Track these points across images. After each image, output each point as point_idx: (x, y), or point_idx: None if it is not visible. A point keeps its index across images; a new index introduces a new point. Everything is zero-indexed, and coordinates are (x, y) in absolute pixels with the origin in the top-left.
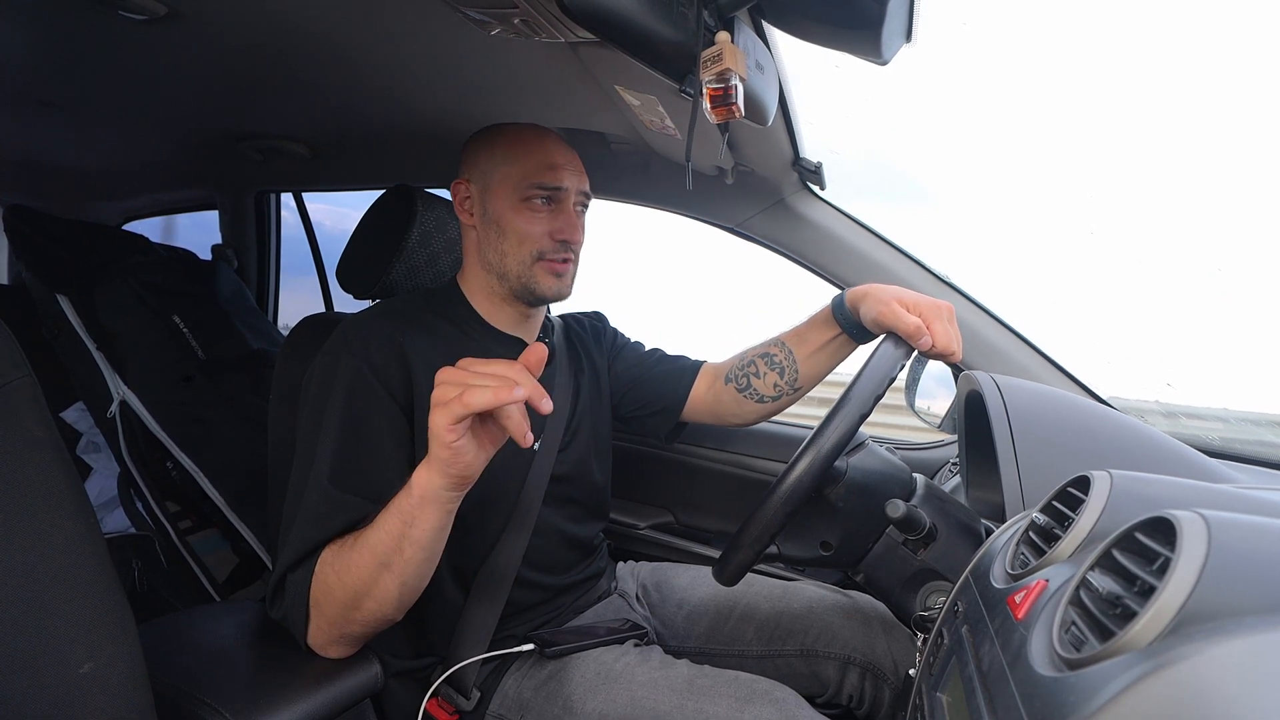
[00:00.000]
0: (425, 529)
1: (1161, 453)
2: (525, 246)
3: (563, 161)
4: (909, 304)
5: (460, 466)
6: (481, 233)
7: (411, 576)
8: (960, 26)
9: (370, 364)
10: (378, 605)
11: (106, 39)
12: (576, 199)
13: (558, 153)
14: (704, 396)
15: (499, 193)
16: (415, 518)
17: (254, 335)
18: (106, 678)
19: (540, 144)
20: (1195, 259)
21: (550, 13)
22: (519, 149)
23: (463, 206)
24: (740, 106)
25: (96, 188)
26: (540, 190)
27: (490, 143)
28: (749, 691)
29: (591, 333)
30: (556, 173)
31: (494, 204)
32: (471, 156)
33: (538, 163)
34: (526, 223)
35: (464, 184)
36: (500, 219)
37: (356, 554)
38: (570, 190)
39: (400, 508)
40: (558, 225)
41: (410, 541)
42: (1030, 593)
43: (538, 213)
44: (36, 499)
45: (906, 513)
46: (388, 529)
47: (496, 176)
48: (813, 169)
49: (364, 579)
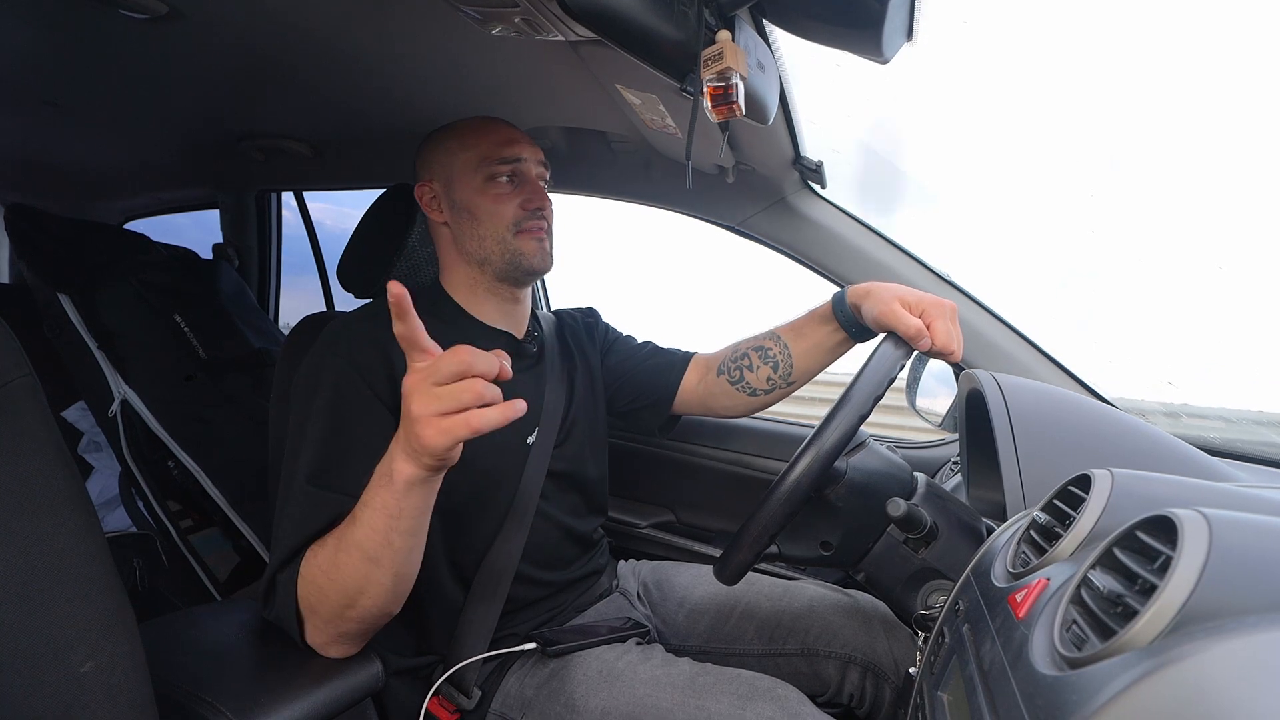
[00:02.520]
0: (411, 516)
1: (1163, 451)
2: (500, 223)
3: (515, 136)
4: (911, 304)
5: (450, 460)
6: (454, 225)
7: (403, 565)
8: (961, 25)
9: (354, 364)
10: (373, 601)
11: (108, 38)
12: (537, 170)
13: (508, 130)
14: (695, 388)
15: (462, 181)
16: (401, 508)
17: (255, 334)
18: (108, 677)
19: (490, 125)
20: (1197, 257)
21: (551, 11)
22: (471, 134)
23: (430, 207)
24: (741, 105)
25: (98, 187)
26: (501, 165)
27: (442, 139)
28: (751, 689)
29: (585, 328)
30: (513, 146)
31: (460, 193)
32: (427, 158)
33: (492, 142)
34: (495, 201)
35: (427, 185)
36: (470, 205)
37: (343, 555)
38: (529, 161)
39: (383, 502)
40: (525, 196)
41: (398, 532)
42: (1031, 591)
43: (503, 189)
44: (38, 498)
45: (907, 511)
46: (373, 525)
47: (456, 167)
48: (813, 168)
49: (355, 577)
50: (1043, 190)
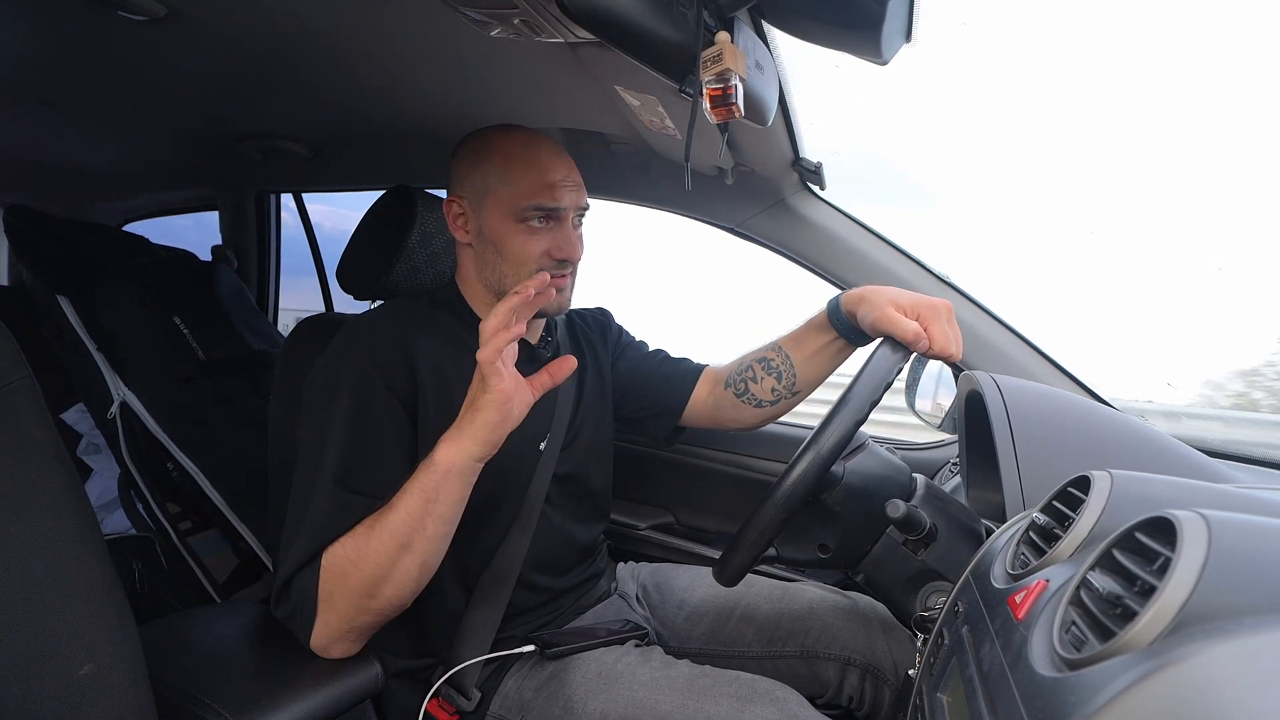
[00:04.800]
0: (448, 503)
1: (1162, 452)
2: (524, 267)
3: (559, 179)
4: (906, 307)
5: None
6: (478, 251)
7: (431, 554)
8: (960, 26)
9: (376, 364)
10: (395, 590)
11: (107, 39)
12: (575, 216)
13: (553, 169)
14: (704, 401)
15: (494, 213)
16: (439, 492)
17: (254, 336)
18: (107, 678)
19: (535, 160)
20: (1195, 258)
21: (550, 13)
22: (514, 168)
23: (456, 224)
24: (740, 106)
25: (97, 188)
26: (538, 211)
27: (482, 159)
28: (750, 691)
29: (597, 329)
30: (554, 192)
31: (490, 224)
32: (464, 173)
33: (534, 183)
34: (524, 244)
35: (457, 201)
36: (497, 240)
37: (375, 539)
38: (569, 209)
39: (422, 486)
40: (556, 243)
41: (434, 518)
42: (1031, 593)
43: (535, 233)
44: (37, 501)
45: (907, 513)
46: (409, 509)
47: (490, 197)
48: (812, 169)
49: (384, 563)
50: (1042, 191)
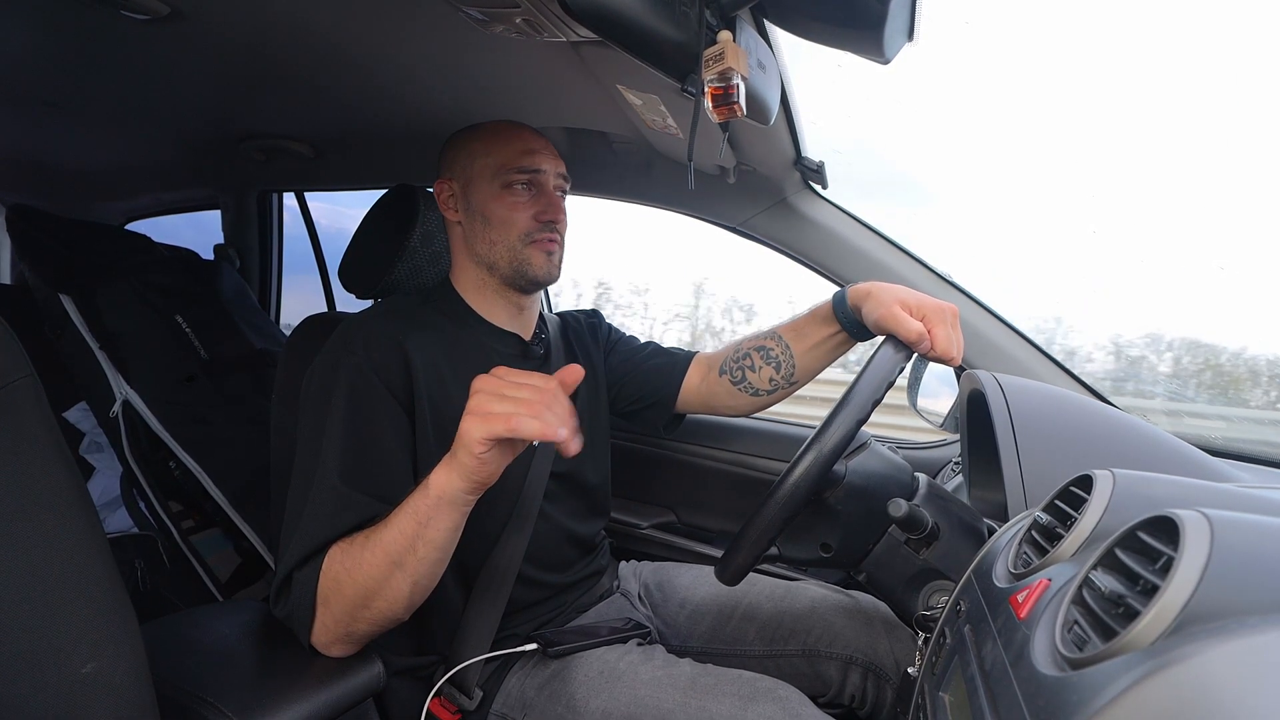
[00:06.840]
0: (440, 529)
1: (1164, 452)
2: (512, 231)
3: (538, 146)
4: (912, 307)
5: (484, 474)
6: (467, 226)
7: (424, 576)
8: (963, 25)
9: (371, 363)
10: (388, 605)
11: (109, 39)
12: (555, 181)
13: (532, 139)
14: (697, 388)
15: (480, 184)
16: (431, 518)
17: (256, 335)
18: (109, 677)
19: (515, 133)
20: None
21: (552, 12)
22: (495, 140)
23: (447, 204)
24: (742, 105)
25: (99, 187)
26: (520, 174)
27: (467, 140)
28: (752, 690)
29: (588, 329)
30: (533, 157)
31: (476, 196)
32: (451, 155)
33: (514, 150)
34: (510, 209)
35: (446, 183)
36: (484, 208)
37: (369, 553)
38: (549, 173)
39: (415, 508)
40: (540, 207)
41: (425, 541)
42: (1033, 592)
43: (519, 198)
44: (39, 499)
45: (909, 512)
46: (401, 528)
47: (476, 169)
48: (815, 168)
49: (375, 577)
50: (1044, 190)
